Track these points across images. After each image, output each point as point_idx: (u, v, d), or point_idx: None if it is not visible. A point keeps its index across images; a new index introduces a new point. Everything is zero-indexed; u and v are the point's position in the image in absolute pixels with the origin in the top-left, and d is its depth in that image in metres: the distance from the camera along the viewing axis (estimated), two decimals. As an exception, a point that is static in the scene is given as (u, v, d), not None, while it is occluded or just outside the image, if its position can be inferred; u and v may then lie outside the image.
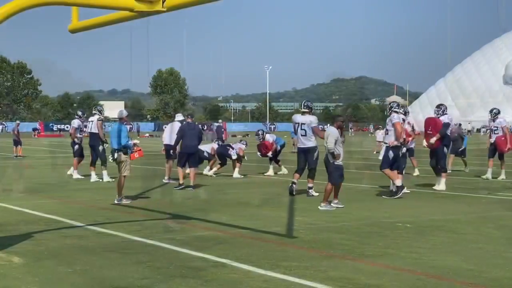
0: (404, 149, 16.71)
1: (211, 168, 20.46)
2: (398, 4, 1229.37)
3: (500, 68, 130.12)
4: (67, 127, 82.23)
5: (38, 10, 7.64)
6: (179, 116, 17.97)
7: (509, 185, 17.28)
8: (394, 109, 14.80)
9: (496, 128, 19.29)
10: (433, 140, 15.76)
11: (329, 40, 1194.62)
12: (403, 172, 15.58)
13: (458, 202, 13.54)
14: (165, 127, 20.25)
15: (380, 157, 15.16)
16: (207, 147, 20.67)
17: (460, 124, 36.67)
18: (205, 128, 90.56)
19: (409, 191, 15.30)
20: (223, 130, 39.15)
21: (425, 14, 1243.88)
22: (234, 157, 20.05)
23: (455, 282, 6.71)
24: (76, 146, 19.72)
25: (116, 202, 13.32)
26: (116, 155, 13.57)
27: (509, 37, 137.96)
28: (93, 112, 19.27)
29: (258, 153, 20.98)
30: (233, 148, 20.26)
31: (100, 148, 18.45)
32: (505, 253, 8.18)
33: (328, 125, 12.97)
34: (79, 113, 20.68)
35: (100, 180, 18.29)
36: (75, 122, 20.00)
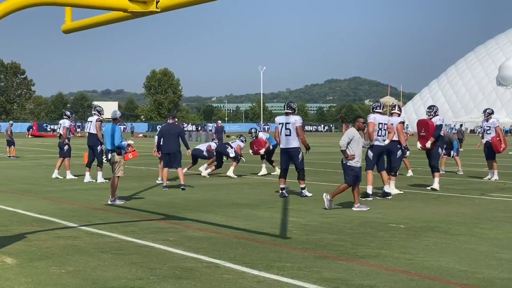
0: (407, 152, 16.77)
1: (208, 166, 20.51)
2: (392, 5, 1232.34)
3: (493, 69, 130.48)
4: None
5: (32, 10, 7.62)
6: None
7: (501, 186, 17.34)
8: (376, 110, 14.65)
9: (489, 128, 19.33)
10: (429, 144, 15.83)
11: (323, 41, 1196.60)
12: (397, 174, 15.62)
13: (452, 203, 13.57)
14: (159, 127, 20.34)
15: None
16: (203, 146, 20.74)
17: (461, 125, 36.95)
18: (199, 129, 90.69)
19: (402, 192, 15.36)
20: (224, 130, 39.19)
21: (419, 15, 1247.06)
22: (232, 155, 20.10)
23: (449, 283, 6.72)
24: (66, 147, 19.72)
25: (109, 202, 13.29)
26: (110, 155, 13.56)
27: (502, 38, 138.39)
28: (93, 112, 19.13)
29: (250, 151, 20.98)
30: (232, 147, 20.33)
31: (99, 148, 18.37)
32: (498, 254, 8.20)
33: (350, 125, 13.04)
34: (68, 113, 20.56)
35: (94, 181, 18.26)
36: (66, 122, 19.95)
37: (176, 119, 17.76)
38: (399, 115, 15.79)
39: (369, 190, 14.10)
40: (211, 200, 14.03)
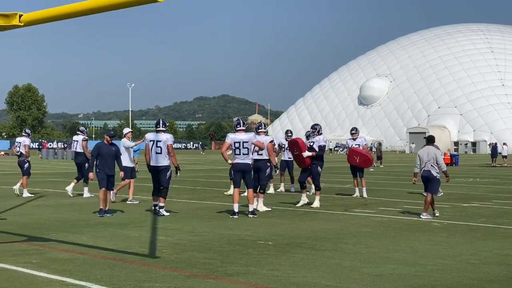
0: (277, 171, 17.03)
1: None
2: (260, 26, 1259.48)
3: (355, 89, 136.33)
4: None
5: None
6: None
7: (364, 202, 18.05)
8: (237, 128, 14.72)
9: (358, 146, 20.19)
10: (307, 154, 16.39)
11: (193, 58, 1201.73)
12: (265, 191, 15.87)
13: (317, 219, 13.94)
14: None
15: None
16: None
17: (379, 143, 38.33)
18: (65, 146, 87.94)
19: (270, 209, 15.60)
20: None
21: (287, 36, 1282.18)
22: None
23: (315, 298, 6.88)
24: (27, 165, 19.75)
25: (-33, 224, 12.57)
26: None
27: (363, 59, 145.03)
28: (77, 132, 19.87)
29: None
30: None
31: (86, 165, 18.89)
32: (361, 268, 8.51)
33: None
34: (28, 131, 20.86)
35: (32, 195, 18.96)
36: (27, 141, 20.06)
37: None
38: (265, 133, 16.05)
39: (236, 208, 14.18)
40: (78, 220, 13.61)
